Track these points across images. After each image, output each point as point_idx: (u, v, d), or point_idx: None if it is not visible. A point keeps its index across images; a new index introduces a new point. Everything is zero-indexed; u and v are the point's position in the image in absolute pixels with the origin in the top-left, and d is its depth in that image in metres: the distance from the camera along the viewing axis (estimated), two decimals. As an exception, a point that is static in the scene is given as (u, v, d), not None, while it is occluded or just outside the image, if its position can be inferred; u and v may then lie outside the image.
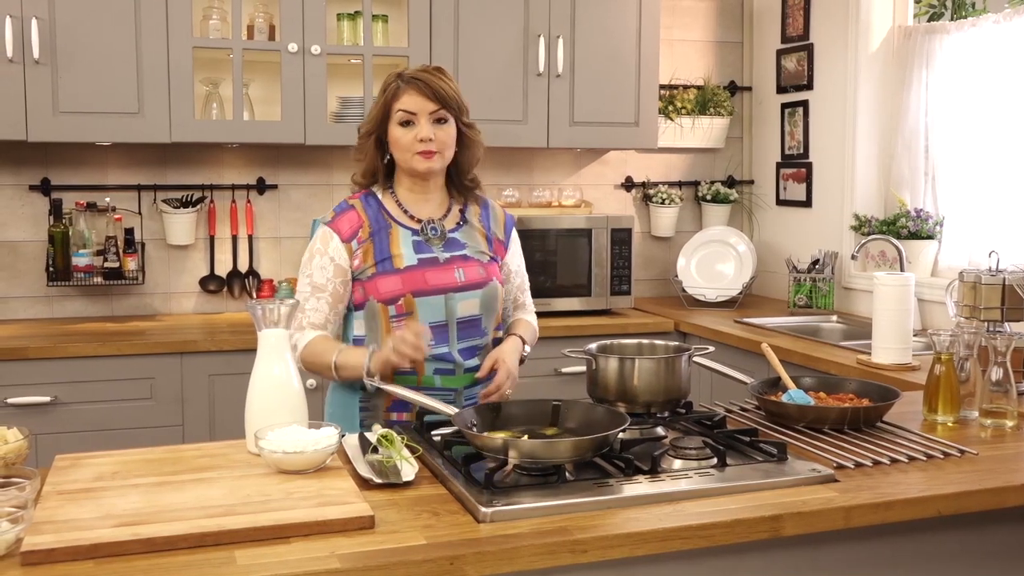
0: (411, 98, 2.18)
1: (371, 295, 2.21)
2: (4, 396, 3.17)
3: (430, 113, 2.18)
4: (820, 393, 2.19)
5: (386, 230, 2.24)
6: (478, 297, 2.25)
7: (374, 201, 2.28)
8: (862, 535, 1.68)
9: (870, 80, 3.94)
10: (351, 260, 2.22)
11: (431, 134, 2.18)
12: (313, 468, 1.72)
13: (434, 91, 2.18)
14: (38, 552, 1.37)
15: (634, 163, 4.47)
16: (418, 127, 2.18)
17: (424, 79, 2.19)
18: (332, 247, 2.22)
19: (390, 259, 2.21)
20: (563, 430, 1.88)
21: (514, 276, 2.42)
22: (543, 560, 1.45)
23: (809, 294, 3.96)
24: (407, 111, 2.18)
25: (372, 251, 2.22)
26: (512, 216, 2.45)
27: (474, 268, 2.27)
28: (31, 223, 3.74)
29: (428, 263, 2.22)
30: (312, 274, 2.23)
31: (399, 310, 2.19)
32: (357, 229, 2.23)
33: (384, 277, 2.20)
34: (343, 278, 2.22)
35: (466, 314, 2.24)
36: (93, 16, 3.39)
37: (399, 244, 2.23)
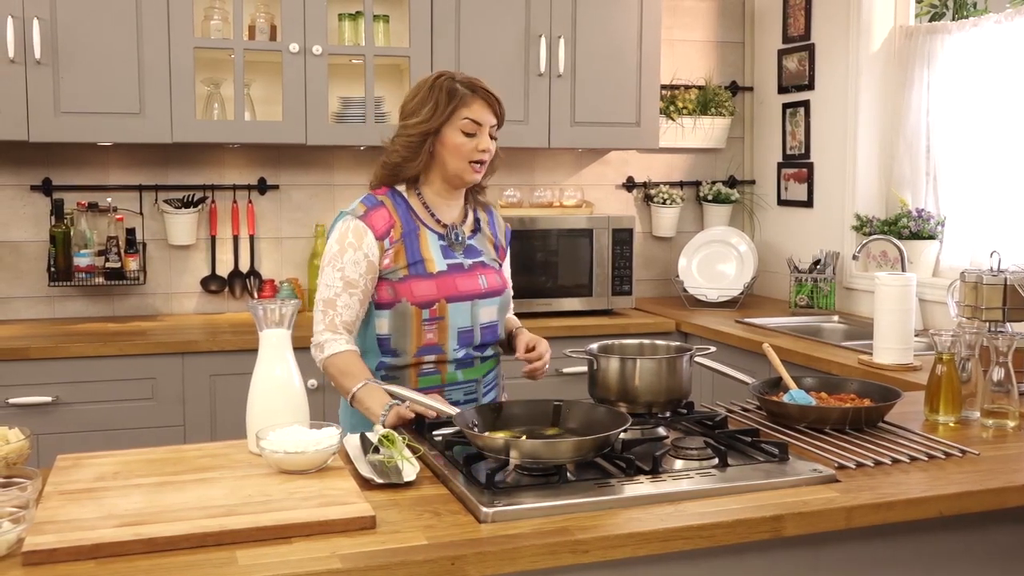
0: (480, 109, 2.22)
1: (404, 297, 2.20)
2: (6, 396, 3.17)
3: (491, 127, 2.25)
4: (821, 393, 2.19)
5: (415, 232, 2.24)
6: (496, 304, 2.31)
7: (402, 200, 2.27)
8: (863, 535, 1.68)
9: (871, 80, 3.94)
10: (382, 259, 2.21)
11: (491, 147, 2.24)
12: (314, 468, 1.72)
13: (496, 107, 2.25)
14: (40, 552, 1.37)
15: (635, 163, 4.47)
16: (479, 138, 2.22)
17: (491, 93, 2.25)
18: (367, 243, 2.19)
19: (422, 263, 2.22)
20: (564, 430, 1.88)
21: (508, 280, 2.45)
22: (544, 560, 1.45)
23: (810, 294, 3.96)
24: (475, 120, 2.21)
25: (404, 253, 2.22)
26: (508, 225, 2.52)
27: (492, 275, 2.33)
28: (33, 223, 3.74)
29: (456, 269, 2.26)
30: (344, 268, 2.19)
31: (432, 314, 2.21)
32: (390, 228, 2.22)
33: (418, 281, 2.21)
34: (373, 275, 2.21)
35: (487, 320, 2.30)
36: (94, 16, 3.39)
37: (428, 248, 2.24)
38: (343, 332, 2.20)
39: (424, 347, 2.23)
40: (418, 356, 2.23)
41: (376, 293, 2.24)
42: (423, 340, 2.22)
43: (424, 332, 2.21)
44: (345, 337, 2.20)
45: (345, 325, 2.20)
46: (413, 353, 2.23)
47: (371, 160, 4.08)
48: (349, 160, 4.07)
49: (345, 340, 2.19)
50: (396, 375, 2.24)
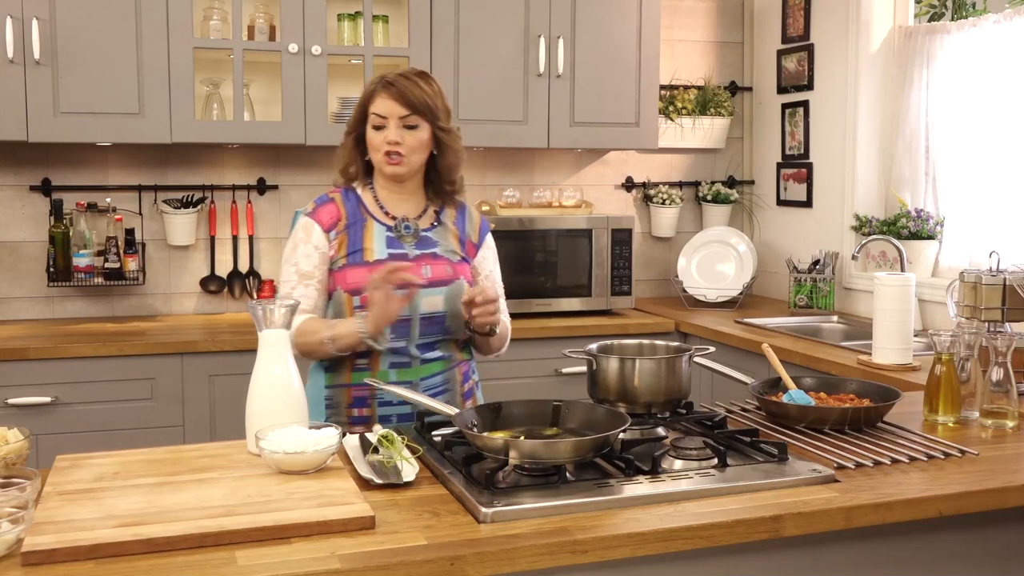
0: (383, 102, 2.22)
1: (339, 285, 2.25)
2: (5, 396, 3.17)
3: (400, 118, 2.22)
4: (821, 393, 2.19)
5: (361, 223, 2.29)
6: (442, 294, 2.27)
7: (353, 196, 2.33)
8: (863, 535, 1.68)
9: (871, 80, 3.94)
10: (329, 250, 2.27)
11: (397, 138, 2.22)
12: (314, 468, 1.72)
13: (404, 96, 2.21)
14: (39, 552, 1.37)
15: (635, 163, 4.47)
16: (387, 130, 2.22)
17: (398, 84, 2.22)
18: (315, 236, 2.27)
19: (361, 251, 2.26)
20: (564, 430, 1.88)
21: (483, 280, 2.43)
22: (543, 560, 1.45)
23: (810, 294, 3.96)
24: (378, 115, 2.23)
25: (346, 243, 2.27)
26: (488, 223, 2.49)
27: (442, 266, 2.30)
28: (32, 223, 3.74)
29: (397, 259, 2.25)
30: (298, 262, 2.27)
31: (363, 301, 2.20)
32: (336, 221, 2.28)
33: (353, 268, 2.24)
34: (326, 266, 2.27)
35: (429, 311, 2.25)
36: (94, 17, 3.39)
37: (372, 238, 2.27)
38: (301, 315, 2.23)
39: None
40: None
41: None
42: None
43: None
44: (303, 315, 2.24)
45: (302, 312, 2.23)
46: None
47: (370, 160, 4.08)
48: (348, 160, 4.06)
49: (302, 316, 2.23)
50: (333, 366, 2.27)
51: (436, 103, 2.26)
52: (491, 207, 3.94)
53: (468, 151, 4.15)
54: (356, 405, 2.27)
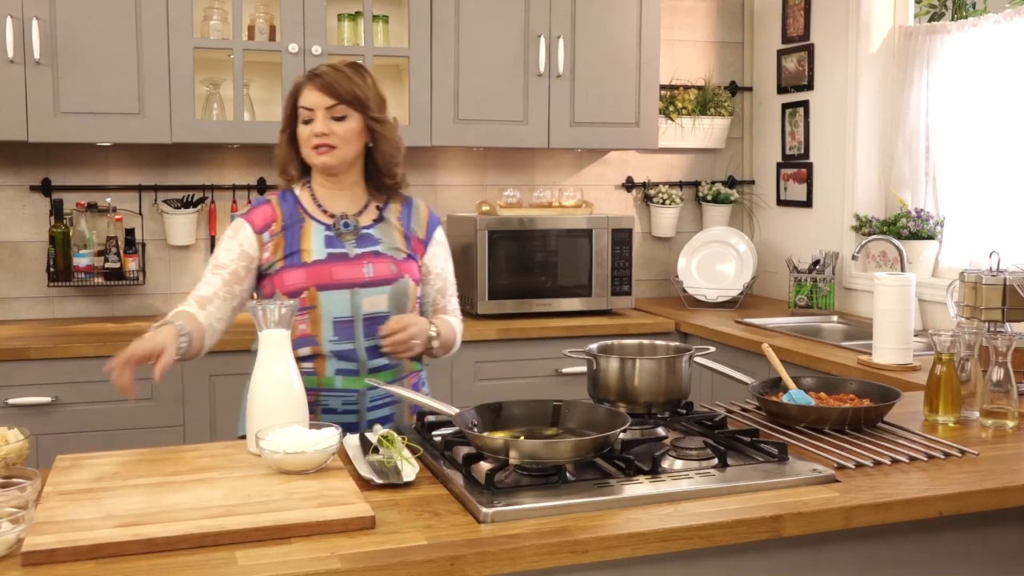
0: (309, 94, 2.18)
1: (277, 288, 2.20)
2: (5, 397, 3.17)
3: (327, 109, 2.17)
4: (821, 393, 2.19)
5: (299, 224, 2.24)
6: (386, 293, 2.22)
7: (291, 196, 2.28)
8: (863, 535, 1.68)
9: (871, 80, 3.94)
10: (261, 252, 2.22)
11: (324, 129, 2.17)
12: (314, 468, 1.72)
13: (331, 87, 2.17)
14: (39, 552, 1.37)
15: (635, 163, 4.47)
16: (314, 122, 2.18)
17: (324, 75, 2.18)
18: (243, 235, 2.22)
19: (298, 253, 2.21)
20: (564, 430, 1.88)
21: (434, 278, 2.38)
22: (544, 560, 1.45)
23: (810, 294, 3.96)
24: (306, 108, 2.19)
25: (283, 244, 2.22)
26: (438, 217, 2.43)
27: (385, 264, 2.24)
28: (32, 223, 3.74)
29: (337, 258, 2.21)
30: (218, 256, 2.23)
31: (303, 303, 2.16)
32: (271, 222, 2.23)
33: (290, 270, 2.19)
34: (247, 263, 2.21)
35: (372, 310, 2.20)
36: (94, 17, 3.39)
37: (310, 239, 2.22)
38: (192, 303, 2.16)
39: (299, 339, 2.16)
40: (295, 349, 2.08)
41: (263, 291, 2.24)
42: (296, 332, 2.15)
43: (297, 323, 2.16)
44: (192, 306, 2.14)
45: (197, 298, 2.17)
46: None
47: (370, 160, 4.08)
48: (348, 160, 4.06)
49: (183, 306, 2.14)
50: None
51: (366, 93, 2.20)
52: (491, 207, 3.94)
53: (468, 151, 4.20)
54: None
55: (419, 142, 3.78)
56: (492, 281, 3.80)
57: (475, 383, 3.62)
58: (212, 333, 2.18)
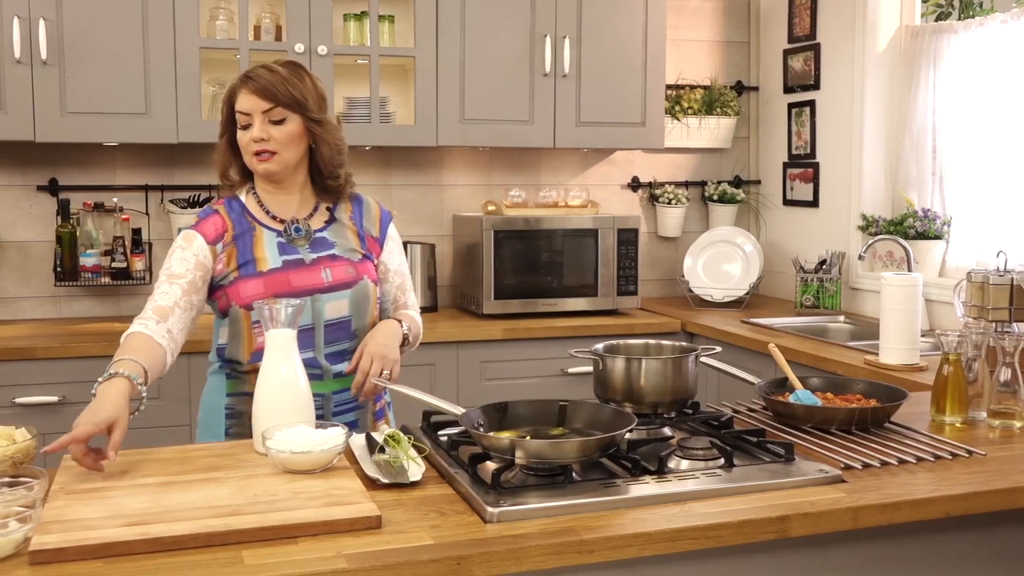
0: (244, 98, 2.08)
1: (233, 301, 2.11)
2: (12, 396, 3.18)
3: (263, 113, 2.07)
4: (827, 394, 2.18)
5: (250, 233, 2.15)
6: (347, 297, 2.16)
7: (237, 204, 2.19)
8: (870, 536, 1.68)
9: (877, 80, 3.94)
10: (215, 264, 2.12)
11: (263, 134, 2.08)
12: (320, 468, 1.72)
13: (266, 90, 2.07)
14: (46, 551, 1.37)
15: (640, 163, 4.47)
16: (252, 128, 2.08)
17: (258, 78, 2.08)
18: (196, 245, 2.12)
19: (253, 262, 2.12)
20: (570, 430, 1.88)
21: (393, 275, 2.32)
22: (550, 560, 1.45)
23: (816, 294, 3.96)
24: (242, 112, 2.09)
25: (235, 255, 2.13)
26: (389, 213, 2.36)
27: (343, 267, 2.17)
28: (39, 223, 3.75)
29: (293, 265, 2.13)
30: (171, 267, 2.11)
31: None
32: (222, 233, 2.14)
33: (245, 281, 2.11)
34: (203, 273, 2.11)
35: (334, 316, 2.14)
36: (100, 17, 3.40)
37: (263, 247, 2.14)
38: (150, 317, 2.03)
39: (257, 352, 2.07)
40: (252, 362, 2.10)
41: (216, 303, 2.16)
42: (255, 344, 2.11)
43: (255, 336, 2.11)
44: (147, 323, 2.02)
45: (157, 310, 2.04)
46: (247, 360, 2.13)
47: (377, 160, 4.09)
48: (354, 161, 4.05)
49: (142, 324, 2.01)
50: (236, 372, 2.16)
51: (304, 93, 2.10)
52: (497, 207, 3.94)
53: (474, 151, 4.20)
54: None
55: (425, 142, 3.79)
56: (498, 281, 3.80)
57: (481, 383, 3.62)
58: (173, 349, 2.06)
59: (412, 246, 3.97)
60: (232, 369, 2.17)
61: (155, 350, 2.00)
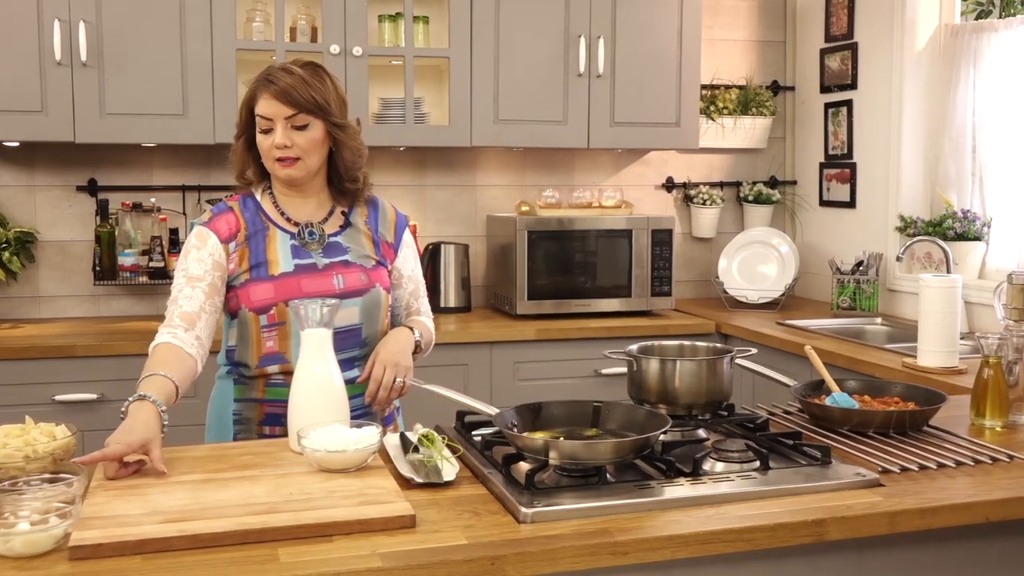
0: (266, 103, 2.04)
1: (243, 303, 2.08)
2: (52, 393, 3.22)
3: (286, 119, 2.03)
4: (865, 396, 2.16)
5: (263, 233, 2.12)
6: (358, 305, 2.12)
7: (252, 203, 2.15)
8: (908, 541, 1.66)
9: (916, 79, 3.89)
10: (227, 263, 2.09)
11: (287, 140, 2.04)
12: (355, 467, 1.73)
13: (288, 95, 2.02)
14: (85, 547, 1.39)
15: (675, 163, 4.45)
16: (274, 133, 2.04)
17: (279, 81, 2.03)
18: (210, 244, 2.08)
19: (264, 265, 2.09)
20: (604, 431, 1.87)
21: (406, 282, 2.29)
22: (584, 562, 1.45)
23: (853, 296, 3.92)
24: (264, 117, 2.04)
25: (247, 255, 2.09)
26: (405, 217, 2.33)
27: (355, 274, 2.13)
28: (79, 223, 3.80)
29: (305, 269, 2.10)
30: (188, 268, 2.07)
31: (271, 319, 2.07)
32: (235, 231, 2.10)
33: (256, 284, 2.07)
34: (220, 273, 2.07)
35: (345, 324, 2.09)
36: (139, 19, 3.43)
37: (275, 249, 2.10)
38: (178, 325, 2.02)
39: (266, 356, 2.09)
40: (260, 367, 2.10)
41: (227, 303, 2.12)
42: (264, 349, 2.09)
43: (264, 340, 2.08)
44: (175, 332, 2.01)
45: (184, 316, 2.03)
46: (255, 364, 2.10)
47: (411, 161, 4.10)
48: (389, 161, 4.09)
49: (171, 334, 2.01)
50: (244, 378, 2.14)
51: (326, 97, 2.06)
52: (531, 207, 3.94)
53: (508, 152, 4.21)
54: (268, 423, 2.12)
55: (459, 142, 3.79)
56: (531, 281, 3.80)
57: (514, 383, 3.62)
58: (202, 355, 2.04)
59: (446, 246, 3.98)
60: (240, 374, 2.15)
61: (185, 360, 1.99)
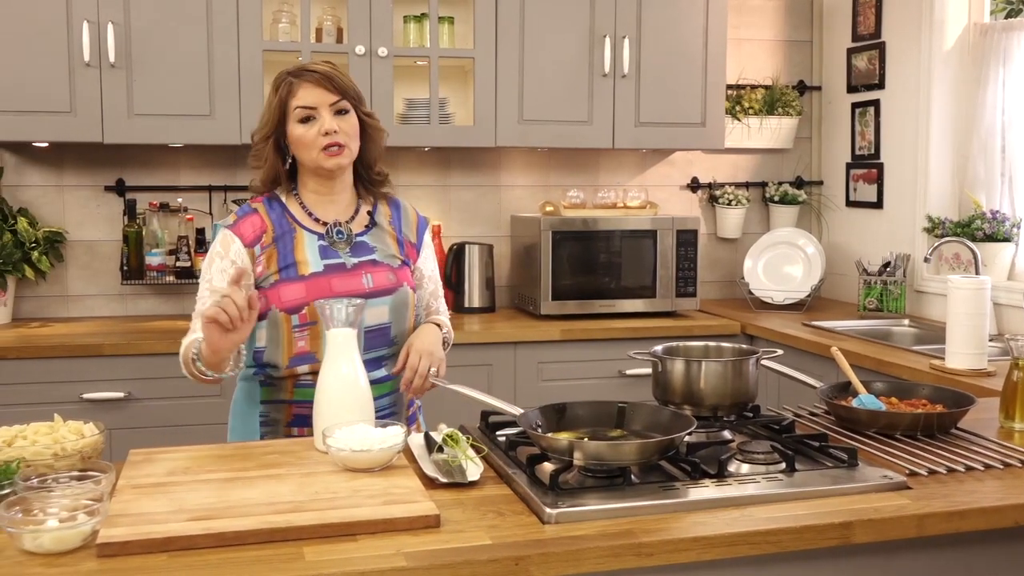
0: (309, 92, 2.07)
1: (273, 304, 2.08)
2: (80, 391, 3.25)
3: (331, 105, 2.08)
4: (892, 398, 2.14)
5: (290, 234, 2.13)
6: (387, 304, 2.13)
7: (278, 204, 2.16)
8: (936, 544, 1.64)
9: (944, 79, 3.85)
10: (254, 266, 2.10)
11: (335, 126, 2.07)
12: (379, 466, 1.73)
13: (332, 81, 2.07)
14: (113, 544, 1.40)
15: (700, 164, 4.43)
16: (320, 121, 2.07)
17: (319, 70, 2.08)
18: (234, 250, 2.10)
19: (294, 265, 2.10)
20: (628, 432, 1.87)
21: (427, 282, 2.30)
22: (608, 563, 1.45)
23: (880, 297, 3.89)
24: (306, 107, 2.07)
25: (276, 257, 2.10)
26: (426, 218, 2.34)
27: (383, 273, 2.15)
28: (107, 223, 3.84)
29: (334, 269, 2.11)
30: (212, 278, 2.11)
31: (302, 319, 2.07)
32: (260, 234, 2.11)
33: (287, 284, 2.08)
34: (246, 281, 2.07)
35: (374, 323, 2.11)
36: (167, 20, 3.46)
37: (304, 249, 2.11)
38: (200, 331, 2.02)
39: (297, 356, 2.10)
40: (291, 367, 2.10)
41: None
42: (295, 349, 2.09)
43: (295, 340, 2.08)
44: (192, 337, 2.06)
45: None
46: (286, 364, 2.10)
47: (436, 161, 4.11)
48: (413, 161, 4.09)
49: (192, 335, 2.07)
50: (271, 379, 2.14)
51: (357, 87, 2.13)
52: (555, 208, 3.94)
53: (532, 152, 4.21)
54: (296, 424, 2.12)
55: (483, 143, 3.80)
56: (555, 282, 3.80)
57: (538, 383, 3.62)
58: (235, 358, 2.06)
59: (470, 246, 3.98)
60: (267, 375, 2.14)
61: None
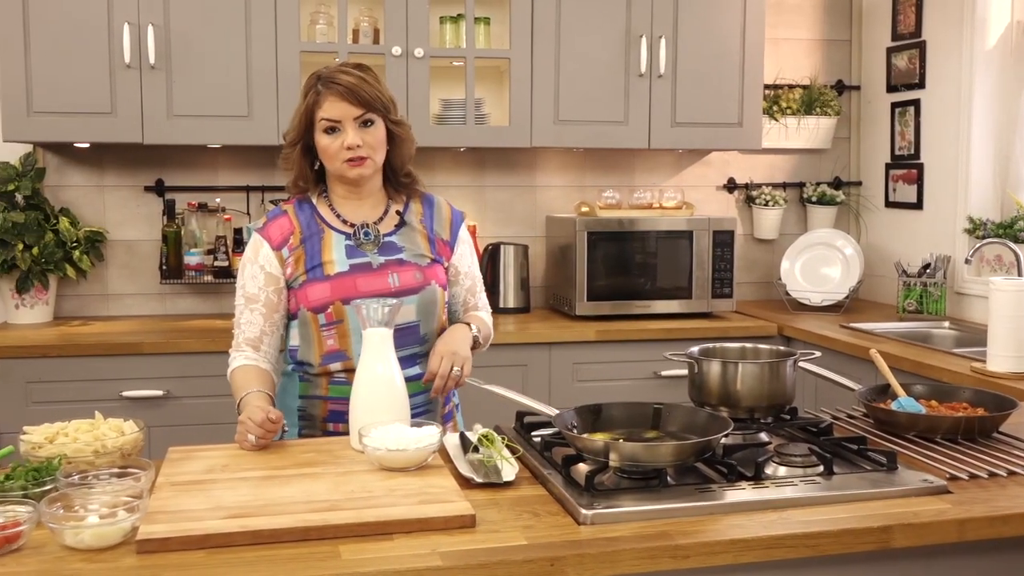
0: (333, 104, 2.08)
1: (302, 304, 2.13)
2: (120, 389, 3.29)
3: (355, 118, 2.08)
4: (932, 401, 2.12)
5: (318, 236, 2.15)
6: (414, 303, 2.14)
7: (308, 206, 2.20)
8: (977, 550, 1.62)
9: (986, 78, 3.80)
10: (283, 268, 2.14)
11: (358, 140, 2.08)
12: (415, 466, 1.74)
13: (356, 95, 2.07)
14: (152, 541, 1.42)
15: (737, 164, 4.40)
16: (344, 134, 2.08)
17: (344, 83, 2.07)
18: (262, 255, 2.15)
19: (320, 266, 2.12)
20: (664, 433, 1.86)
21: (463, 278, 2.30)
22: (644, 564, 1.44)
23: (920, 299, 3.84)
24: (330, 119, 2.08)
25: (304, 258, 2.14)
26: (461, 214, 2.34)
27: (410, 272, 2.15)
28: (146, 223, 3.88)
29: (360, 269, 2.13)
30: (244, 285, 2.17)
31: (328, 318, 2.11)
32: (288, 236, 2.15)
33: (313, 284, 2.12)
34: (275, 286, 2.14)
35: (402, 321, 2.10)
36: (205, 22, 3.49)
37: (331, 250, 2.14)
38: (246, 348, 2.15)
39: (328, 355, 2.13)
40: (323, 365, 2.14)
41: (288, 305, 2.18)
42: (325, 347, 2.13)
43: (324, 339, 2.12)
44: (246, 353, 2.15)
45: (248, 342, 2.15)
46: (318, 363, 2.14)
47: (471, 161, 4.12)
48: (449, 162, 4.10)
49: (244, 356, 2.15)
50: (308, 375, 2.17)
51: (385, 95, 2.13)
52: (591, 208, 3.93)
53: (568, 152, 4.20)
54: (332, 420, 2.15)
55: (519, 143, 3.80)
56: (591, 282, 3.79)
57: (573, 384, 3.61)
58: (277, 368, 2.19)
59: (505, 247, 3.99)
60: (304, 372, 2.18)
61: (264, 375, 2.13)
